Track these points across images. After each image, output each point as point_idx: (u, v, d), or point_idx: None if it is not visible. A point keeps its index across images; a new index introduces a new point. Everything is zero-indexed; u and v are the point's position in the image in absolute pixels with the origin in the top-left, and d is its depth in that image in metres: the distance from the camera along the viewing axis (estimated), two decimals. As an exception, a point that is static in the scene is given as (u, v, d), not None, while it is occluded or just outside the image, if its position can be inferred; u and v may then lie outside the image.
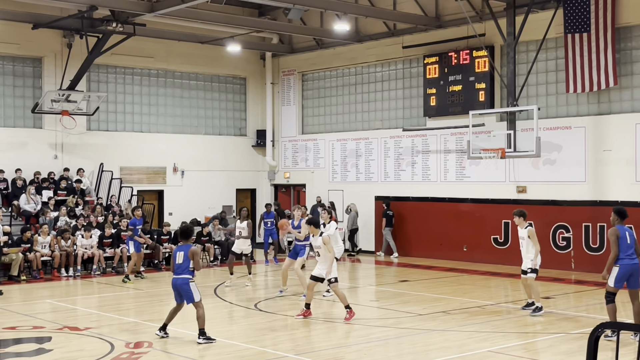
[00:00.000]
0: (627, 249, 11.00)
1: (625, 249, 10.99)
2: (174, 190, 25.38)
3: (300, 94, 27.22)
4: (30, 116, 22.86)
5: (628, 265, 10.93)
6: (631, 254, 11.00)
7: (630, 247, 11.02)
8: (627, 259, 10.95)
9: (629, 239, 11.05)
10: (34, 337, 11.66)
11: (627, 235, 11.07)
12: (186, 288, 11.21)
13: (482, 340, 11.35)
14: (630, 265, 10.94)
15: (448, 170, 22.71)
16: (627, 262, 10.93)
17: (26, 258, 18.70)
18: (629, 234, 11.11)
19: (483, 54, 21.18)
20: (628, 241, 11.02)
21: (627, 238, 11.04)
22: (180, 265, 11.23)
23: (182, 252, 11.26)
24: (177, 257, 11.28)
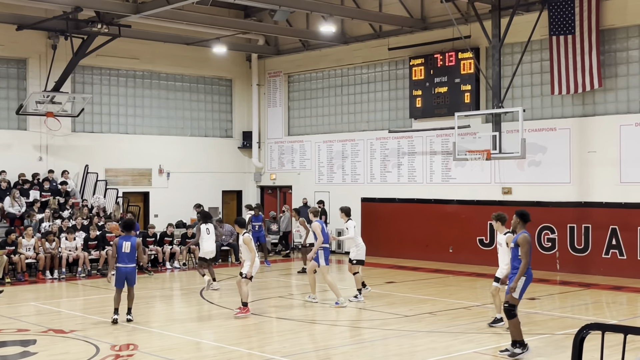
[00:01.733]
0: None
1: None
2: (159, 192, 25.30)
3: (286, 95, 27.21)
4: (15, 118, 22.73)
5: (530, 276, 10.45)
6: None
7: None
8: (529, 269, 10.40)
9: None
10: (18, 340, 11.57)
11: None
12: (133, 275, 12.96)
13: (468, 342, 11.38)
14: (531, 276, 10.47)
15: (434, 171, 22.77)
16: (530, 273, 10.43)
17: (11, 260, 18.58)
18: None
19: (468, 55, 21.25)
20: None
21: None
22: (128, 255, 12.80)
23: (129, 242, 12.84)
24: (123, 247, 12.80)
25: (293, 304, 15.41)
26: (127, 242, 12.83)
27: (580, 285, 17.51)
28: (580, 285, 17.51)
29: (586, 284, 17.68)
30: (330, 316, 13.86)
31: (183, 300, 16.36)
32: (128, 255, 12.80)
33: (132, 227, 13.37)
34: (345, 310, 14.28)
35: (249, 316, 13.39)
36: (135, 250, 12.82)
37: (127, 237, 12.97)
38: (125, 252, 12.77)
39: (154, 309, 14.92)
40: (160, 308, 15.20)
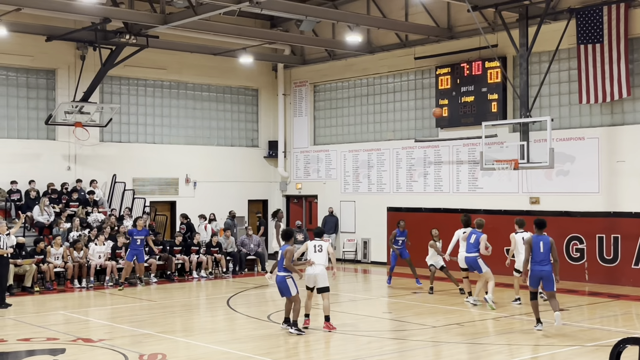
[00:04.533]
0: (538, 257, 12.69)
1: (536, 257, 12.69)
2: (186, 201, 25.42)
3: (312, 105, 27.26)
4: (44, 128, 22.98)
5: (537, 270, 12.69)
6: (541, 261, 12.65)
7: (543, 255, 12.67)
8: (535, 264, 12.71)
9: (542, 247, 12.65)
10: (47, 349, 11.66)
11: (541, 244, 12.66)
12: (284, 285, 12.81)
13: (496, 353, 11.29)
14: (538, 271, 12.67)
15: (460, 181, 22.66)
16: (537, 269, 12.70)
17: (39, 269, 18.76)
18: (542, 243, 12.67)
19: (495, 65, 21.16)
20: (541, 249, 12.64)
21: (541, 247, 12.65)
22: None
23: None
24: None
25: (319, 314, 15.37)
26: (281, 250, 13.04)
27: (610, 296, 17.30)
28: (609, 296, 17.30)
29: (615, 295, 17.47)
30: (357, 326, 13.81)
31: (210, 309, 16.39)
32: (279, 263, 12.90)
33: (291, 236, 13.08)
34: (372, 321, 14.23)
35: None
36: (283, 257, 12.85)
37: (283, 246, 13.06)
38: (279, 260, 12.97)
39: (181, 318, 14.97)
40: (187, 317, 15.24)
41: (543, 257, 12.62)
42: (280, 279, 12.70)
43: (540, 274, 12.63)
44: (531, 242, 12.74)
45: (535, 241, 12.71)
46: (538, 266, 12.63)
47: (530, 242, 12.75)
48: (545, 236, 12.90)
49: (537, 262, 12.63)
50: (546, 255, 12.61)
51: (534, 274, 12.68)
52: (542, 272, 12.61)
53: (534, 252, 12.65)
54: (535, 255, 12.64)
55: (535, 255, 12.64)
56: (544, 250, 12.60)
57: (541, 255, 12.61)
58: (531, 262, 12.72)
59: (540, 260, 12.62)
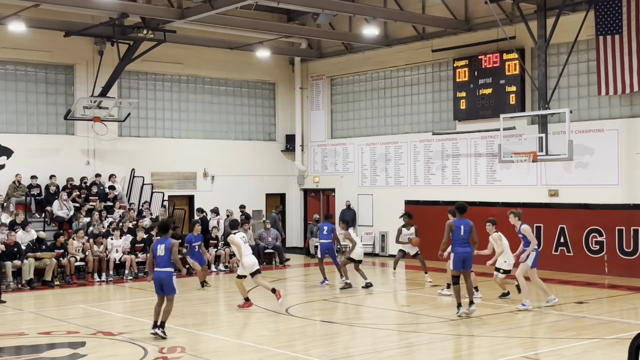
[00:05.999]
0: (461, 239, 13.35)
1: (458, 239, 13.33)
2: (204, 196, 25.50)
3: (329, 98, 27.24)
4: (63, 123, 23.14)
5: (461, 252, 13.34)
6: (463, 243, 13.36)
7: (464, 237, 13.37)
8: (459, 246, 13.34)
9: (463, 230, 13.33)
10: (67, 342, 11.76)
11: (462, 227, 13.33)
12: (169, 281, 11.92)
13: (515, 346, 11.26)
14: (463, 252, 13.35)
15: (479, 174, 22.58)
16: (460, 250, 13.34)
17: (60, 263, 18.91)
18: (463, 227, 13.34)
19: (513, 56, 21.04)
20: (462, 233, 13.31)
21: (462, 230, 13.32)
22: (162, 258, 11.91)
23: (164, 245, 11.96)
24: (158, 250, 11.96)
25: (337, 307, 15.41)
26: (161, 244, 11.98)
27: (629, 289, 17.19)
28: (629, 289, 17.19)
29: (635, 288, 17.35)
30: (375, 320, 13.82)
31: (228, 303, 16.45)
32: (163, 259, 11.92)
33: (168, 228, 12.41)
34: (390, 314, 14.25)
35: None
36: (170, 253, 11.90)
37: (163, 239, 12.12)
38: (160, 255, 11.94)
39: (200, 312, 15.04)
40: (206, 311, 15.31)
41: (464, 239, 13.35)
42: (167, 275, 11.86)
43: (464, 255, 13.33)
44: (452, 225, 13.31)
45: (457, 224, 13.34)
46: (461, 248, 13.34)
47: (452, 225, 13.31)
48: (466, 220, 13.50)
49: (459, 244, 13.34)
50: (467, 238, 13.36)
51: (458, 256, 13.32)
52: (466, 253, 13.37)
53: (455, 235, 13.30)
54: (457, 238, 13.30)
55: (457, 238, 13.30)
56: (464, 233, 13.33)
57: (462, 238, 13.33)
58: (454, 245, 13.37)
59: (462, 242, 13.34)
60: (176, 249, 11.96)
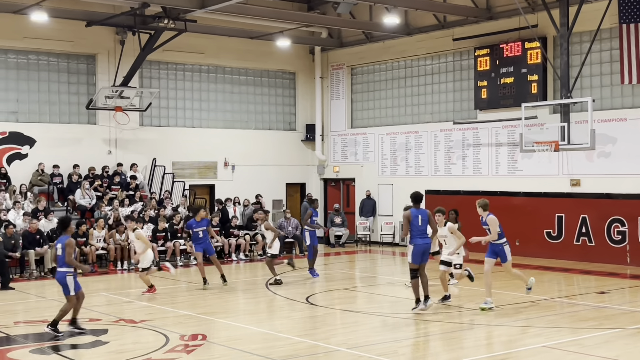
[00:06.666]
0: (420, 230, 12.75)
1: (418, 230, 12.71)
2: (225, 185, 25.59)
3: (349, 87, 27.19)
4: (85, 112, 23.29)
5: (422, 244, 12.73)
6: (422, 235, 12.77)
7: (423, 228, 12.77)
8: (419, 238, 12.72)
9: (421, 221, 12.74)
10: (90, 329, 11.88)
11: (420, 218, 12.73)
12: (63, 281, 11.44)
13: (535, 336, 11.22)
14: (423, 244, 12.75)
15: (500, 163, 22.47)
16: (420, 242, 12.72)
17: (82, 252, 19.08)
18: (421, 217, 12.75)
19: (535, 45, 20.88)
20: (419, 223, 12.71)
21: (419, 220, 12.72)
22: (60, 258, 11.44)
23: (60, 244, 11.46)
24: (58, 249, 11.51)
25: (357, 296, 15.43)
26: (59, 243, 11.40)
27: (652, 280, 17.07)
28: (652, 280, 17.07)
29: (658, 278, 17.22)
30: (395, 309, 13.83)
31: (248, 291, 16.52)
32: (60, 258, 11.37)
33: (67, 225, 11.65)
34: (410, 304, 14.22)
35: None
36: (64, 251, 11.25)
37: (62, 237, 11.46)
38: (58, 254, 11.40)
39: (220, 300, 15.13)
40: (227, 299, 15.39)
41: (423, 230, 12.79)
42: (60, 276, 11.40)
43: (424, 247, 12.77)
44: (410, 216, 12.71)
45: (415, 215, 12.74)
46: (421, 239, 12.76)
47: (410, 216, 12.71)
48: (423, 209, 13.02)
49: (419, 235, 12.76)
50: (425, 228, 12.80)
51: (419, 248, 12.71)
52: (426, 245, 12.82)
53: (414, 226, 12.70)
54: (416, 229, 12.71)
55: (416, 229, 12.71)
56: (422, 223, 12.74)
57: (421, 229, 12.75)
58: (414, 236, 12.74)
59: (422, 234, 12.78)
60: (70, 249, 11.28)
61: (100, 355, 10.21)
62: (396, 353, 10.32)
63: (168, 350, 10.32)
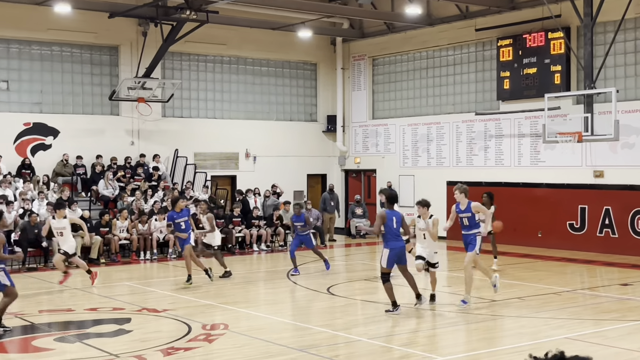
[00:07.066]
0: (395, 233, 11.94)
1: (393, 233, 11.90)
2: (246, 176, 25.66)
3: (370, 78, 27.14)
4: (108, 103, 23.44)
5: (397, 247, 11.92)
6: (397, 237, 11.97)
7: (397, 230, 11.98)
8: (394, 241, 11.91)
9: (396, 222, 11.94)
10: (113, 318, 12.00)
11: (394, 220, 11.93)
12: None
13: (558, 327, 11.18)
14: (399, 247, 11.94)
15: (522, 154, 22.34)
16: (395, 245, 11.91)
17: (105, 242, 19.24)
18: (395, 219, 11.95)
19: (559, 35, 20.71)
20: (394, 225, 11.91)
21: (394, 222, 11.92)
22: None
23: None
24: None
25: (379, 287, 15.42)
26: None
27: (676, 272, 16.92)
28: (676, 272, 16.92)
29: (683, 271, 17.07)
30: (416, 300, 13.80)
31: (270, 281, 16.60)
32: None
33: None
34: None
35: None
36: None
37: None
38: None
39: (242, 290, 15.20)
40: (248, 289, 15.47)
41: (397, 232, 11.99)
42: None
43: (399, 251, 11.95)
44: (385, 217, 11.87)
45: (390, 217, 11.93)
46: (395, 242, 11.94)
47: (385, 217, 11.86)
48: (397, 212, 12.19)
49: (394, 238, 11.95)
50: (398, 230, 12.01)
51: (394, 252, 11.85)
52: (401, 248, 12.02)
53: (389, 228, 11.86)
54: (390, 231, 11.89)
55: (390, 231, 11.89)
56: (397, 225, 11.97)
57: (395, 231, 11.95)
58: (389, 239, 11.88)
59: (397, 236, 11.98)
60: (0, 245, 10.91)
61: (123, 343, 10.31)
62: (417, 344, 10.34)
63: (190, 340, 10.39)
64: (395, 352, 9.85)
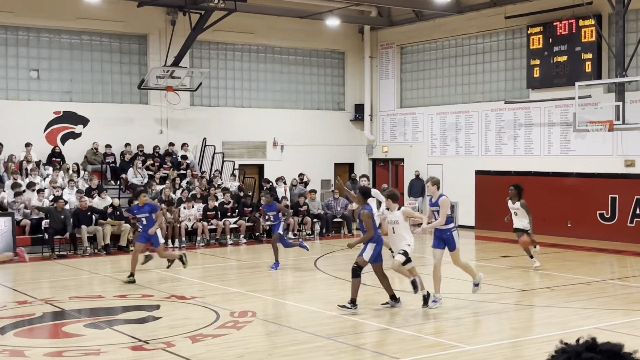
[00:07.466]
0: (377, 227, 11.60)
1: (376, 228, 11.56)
2: (274, 165, 25.70)
3: (398, 67, 27.00)
4: (137, 92, 23.58)
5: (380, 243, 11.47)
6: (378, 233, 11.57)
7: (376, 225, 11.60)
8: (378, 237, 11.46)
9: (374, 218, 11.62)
10: (143, 305, 12.10)
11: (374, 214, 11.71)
12: None
13: (587, 317, 11.08)
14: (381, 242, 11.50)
15: (552, 143, 22.12)
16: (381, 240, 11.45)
17: (135, 229, 19.37)
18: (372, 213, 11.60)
19: (590, 23, 20.43)
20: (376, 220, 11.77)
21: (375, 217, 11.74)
22: None
23: None
24: None
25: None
26: None
27: None
28: None
29: None
30: (444, 289, 13.75)
31: (297, 270, 16.63)
32: None
33: None
34: (458, 284, 14.14)
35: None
36: None
37: None
38: None
39: (269, 278, 15.25)
40: (276, 277, 15.51)
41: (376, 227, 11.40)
42: None
43: (381, 246, 11.46)
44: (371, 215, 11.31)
45: (372, 212, 11.45)
46: (380, 238, 11.47)
47: (371, 215, 11.27)
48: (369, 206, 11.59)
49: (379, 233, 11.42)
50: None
51: (379, 247, 11.31)
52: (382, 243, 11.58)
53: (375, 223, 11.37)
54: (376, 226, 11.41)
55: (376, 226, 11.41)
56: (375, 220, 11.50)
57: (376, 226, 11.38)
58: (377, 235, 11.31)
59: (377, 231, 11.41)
60: None
61: (152, 330, 10.39)
62: (445, 332, 10.30)
63: (218, 327, 10.45)
64: (423, 341, 9.82)
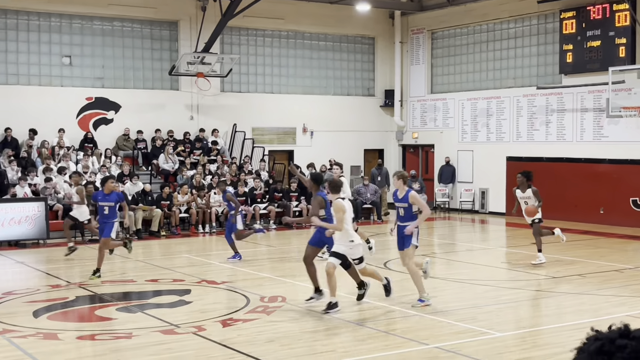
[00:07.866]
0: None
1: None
2: (303, 151, 25.73)
3: (429, 52, 26.83)
4: (168, 78, 23.70)
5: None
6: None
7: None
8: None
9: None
10: (174, 289, 12.22)
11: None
12: None
13: (619, 305, 10.98)
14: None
15: (585, 129, 21.87)
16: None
17: (165, 215, 19.56)
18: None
19: (624, 7, 20.11)
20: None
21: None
22: None
23: None
24: None
25: (436, 262, 15.36)
26: None
27: None
28: None
29: None
30: (474, 275, 13.72)
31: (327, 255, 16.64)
32: None
33: None
34: (489, 270, 14.09)
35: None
36: None
37: None
38: None
39: (299, 264, 15.27)
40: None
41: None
42: None
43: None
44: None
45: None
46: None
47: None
48: (323, 192, 11.15)
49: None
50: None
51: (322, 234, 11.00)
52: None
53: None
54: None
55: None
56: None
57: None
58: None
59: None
60: None
61: (183, 314, 10.50)
62: (475, 319, 10.26)
63: (249, 311, 10.52)
64: (453, 327, 9.80)
